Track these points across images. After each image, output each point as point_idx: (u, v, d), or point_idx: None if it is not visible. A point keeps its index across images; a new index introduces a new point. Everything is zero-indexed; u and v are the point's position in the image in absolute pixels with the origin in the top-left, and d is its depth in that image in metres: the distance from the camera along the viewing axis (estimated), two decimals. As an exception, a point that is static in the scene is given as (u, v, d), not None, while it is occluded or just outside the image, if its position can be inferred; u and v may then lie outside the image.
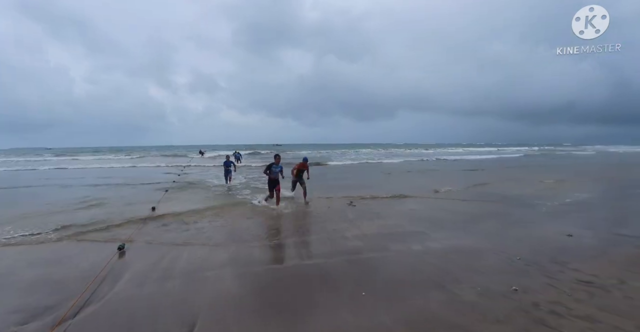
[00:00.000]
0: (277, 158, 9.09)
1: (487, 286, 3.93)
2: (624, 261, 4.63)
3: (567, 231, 6.17)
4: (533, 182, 14.03)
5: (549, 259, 4.72)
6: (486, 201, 9.56)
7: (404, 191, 11.37)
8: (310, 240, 5.98)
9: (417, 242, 5.71)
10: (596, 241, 5.63)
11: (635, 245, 5.36)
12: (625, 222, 6.94)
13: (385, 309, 3.45)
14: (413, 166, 25.40)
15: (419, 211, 8.25)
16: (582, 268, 4.38)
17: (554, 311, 3.33)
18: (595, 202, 9.31)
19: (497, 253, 5.05)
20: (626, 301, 3.50)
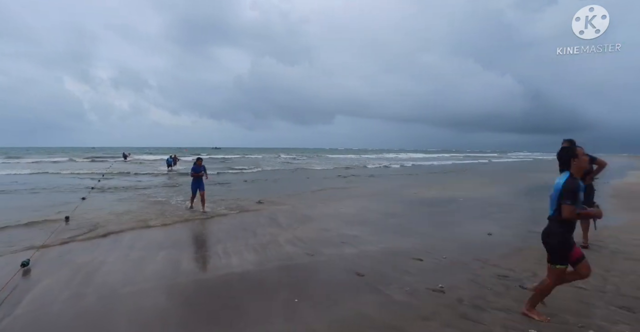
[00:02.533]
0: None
1: (415, 286, 4.09)
2: (536, 256, 5.12)
3: (488, 230, 6.70)
4: (461, 185, 15.17)
5: (472, 257, 5.07)
6: (418, 204, 10.08)
7: (344, 196, 11.58)
8: (240, 247, 5.79)
9: (351, 245, 5.80)
10: (513, 238, 6.21)
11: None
12: (537, 221, 7.72)
13: (319, 314, 3.42)
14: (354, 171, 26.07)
15: (353, 215, 8.44)
16: (501, 264, 4.76)
17: (476, 305, 3.55)
18: (513, 203, 10.33)
19: (426, 253, 5.31)
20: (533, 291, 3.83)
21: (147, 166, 28.85)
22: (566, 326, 3.09)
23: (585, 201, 5.55)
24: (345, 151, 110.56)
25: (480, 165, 41.82)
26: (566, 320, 3.18)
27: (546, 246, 3.16)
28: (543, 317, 3.19)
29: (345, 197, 11.97)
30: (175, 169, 24.60)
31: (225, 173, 23.07)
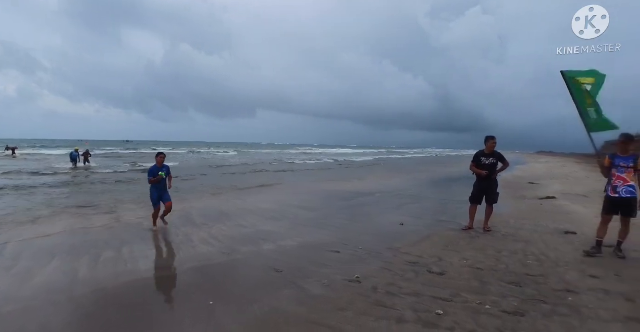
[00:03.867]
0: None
1: (333, 278, 4.17)
2: (442, 242, 5.62)
3: (400, 220, 7.14)
4: (377, 178, 16.01)
5: (385, 247, 5.35)
6: (336, 198, 10.37)
7: (264, 191, 11.41)
8: (149, 250, 5.36)
9: (269, 241, 5.74)
10: (422, 227, 6.71)
11: (449, 228, 6.58)
12: (444, 210, 8.50)
13: (235, 315, 3.30)
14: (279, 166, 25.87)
15: (272, 210, 8.38)
16: (411, 251, 5.11)
17: (389, 291, 3.74)
18: (423, 195, 11.20)
19: (342, 246, 5.46)
20: (442, 274, 4.19)
21: (42, 163, 25.10)
22: (467, 304, 3.41)
23: (491, 192, 6.32)
24: (268, 146, 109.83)
25: (396, 160, 44.83)
26: (466, 299, 3.51)
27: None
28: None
29: (265, 192, 11.85)
30: (90, 166, 21.61)
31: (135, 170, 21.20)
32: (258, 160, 33.34)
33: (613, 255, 4.84)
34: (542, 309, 3.29)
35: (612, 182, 4.83)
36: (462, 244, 5.48)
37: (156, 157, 6.79)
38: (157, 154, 6.91)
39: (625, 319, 3.10)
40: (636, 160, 4.68)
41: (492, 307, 3.32)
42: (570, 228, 6.33)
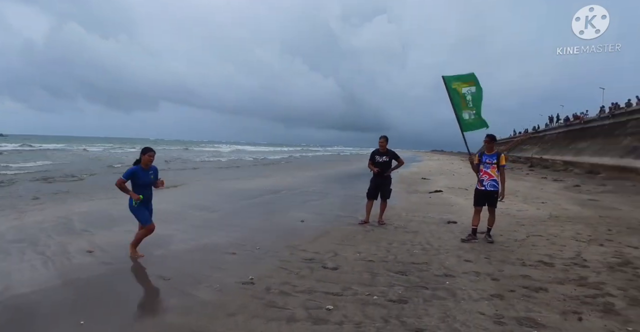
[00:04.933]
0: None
1: (225, 282, 3.96)
2: (339, 237, 5.77)
3: (301, 217, 7.18)
4: (283, 175, 16.00)
5: (283, 245, 5.29)
6: (239, 196, 10.04)
7: (162, 191, 10.50)
8: (11, 265, 4.48)
9: (160, 246, 5.26)
10: (322, 223, 6.83)
11: (348, 223, 6.82)
12: (345, 206, 8.80)
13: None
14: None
15: (169, 212, 7.75)
16: (308, 248, 5.13)
17: (283, 291, 3.67)
18: (327, 191, 11.47)
19: (240, 246, 5.27)
20: (335, 269, 4.27)
21: None
22: (356, 296, 3.50)
23: (384, 188, 6.70)
24: (174, 142, 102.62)
25: (306, 157, 45.56)
26: (356, 291, 3.61)
27: None
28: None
29: (164, 192, 10.93)
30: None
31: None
32: (162, 158, 30.90)
33: (484, 240, 5.49)
34: (423, 294, 3.54)
35: (479, 177, 5.49)
36: (358, 238, 5.70)
37: (142, 154, 4.63)
38: (143, 149, 4.70)
39: (490, 297, 3.49)
40: (499, 157, 5.38)
41: (379, 297, 3.46)
42: (452, 218, 7.05)
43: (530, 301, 3.43)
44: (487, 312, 3.16)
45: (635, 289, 3.78)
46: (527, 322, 3.01)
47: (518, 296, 3.53)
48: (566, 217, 7.75)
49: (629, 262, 4.67)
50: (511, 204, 9.19)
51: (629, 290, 3.76)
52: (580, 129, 34.57)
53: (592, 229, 6.54)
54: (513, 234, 6.01)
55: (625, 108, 27.79)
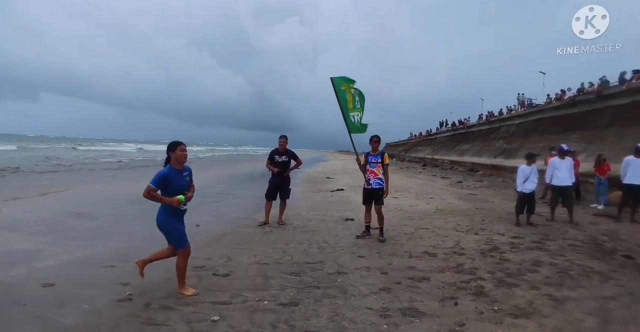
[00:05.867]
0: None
1: (98, 300, 3.44)
2: (235, 240, 5.49)
3: (197, 221, 6.69)
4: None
5: (172, 253, 4.83)
6: (127, 201, 9.04)
7: (34, 196, 8.89)
8: None
9: (22, 264, 4.40)
10: (219, 226, 6.46)
11: (246, 225, 6.56)
12: (245, 207, 8.49)
13: None
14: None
15: (39, 222, 6.60)
16: (200, 254, 4.76)
17: (165, 305, 3.31)
18: (228, 192, 10.98)
19: (120, 258, 4.68)
20: (227, 276, 4.02)
21: None
22: (246, 303, 3.31)
23: (284, 188, 6.58)
24: (60, 139, 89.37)
25: (211, 157, 43.48)
26: (247, 297, 3.42)
27: None
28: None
29: (35, 197, 9.35)
30: None
31: None
32: (39, 157, 26.58)
33: (378, 236, 5.70)
34: (315, 294, 3.49)
35: (366, 175, 5.72)
36: (255, 240, 5.50)
37: (172, 150, 3.54)
38: (172, 144, 3.59)
39: (378, 291, 3.59)
40: (383, 157, 5.67)
41: (270, 302, 3.32)
42: (350, 215, 7.25)
43: (414, 291, 3.61)
44: (375, 307, 3.23)
45: (500, 272, 4.24)
46: (410, 312, 3.14)
47: (404, 287, 3.70)
48: (450, 210, 8.57)
49: (496, 248, 5.27)
50: (404, 200, 9.88)
51: (496, 273, 4.20)
52: (464, 133, 39.14)
53: (469, 220, 7.30)
54: (403, 228, 6.40)
55: (498, 116, 32.32)
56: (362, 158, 5.85)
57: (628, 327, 2.99)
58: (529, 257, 4.85)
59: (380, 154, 5.75)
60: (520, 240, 5.81)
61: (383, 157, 5.70)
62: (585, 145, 16.31)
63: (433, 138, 51.57)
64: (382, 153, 5.77)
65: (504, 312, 3.19)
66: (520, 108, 30.08)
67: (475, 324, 2.95)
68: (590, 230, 6.75)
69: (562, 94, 23.21)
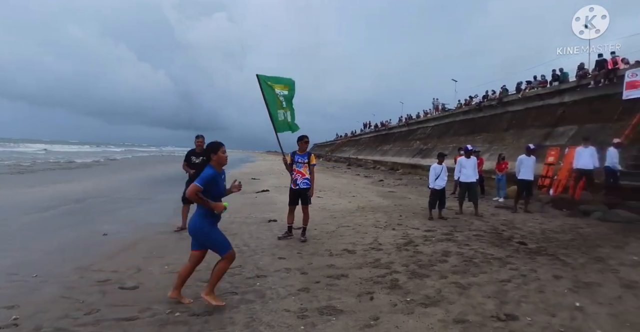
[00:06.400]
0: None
1: (-30, 329, 2.92)
2: (147, 249, 5.09)
3: (106, 230, 6.10)
4: (95, 182, 13.54)
5: (72, 267, 4.33)
6: (23, 209, 7.93)
7: None
8: None
9: None
10: (129, 234, 5.95)
11: (161, 231, 6.13)
12: (160, 212, 7.93)
13: None
14: None
15: None
16: (106, 267, 4.33)
17: (59, 328, 2.92)
18: (143, 196, 10.20)
19: (9, 276, 4.05)
20: (135, 288, 3.69)
21: None
22: (155, 317, 3.06)
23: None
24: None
25: (126, 159, 39.97)
26: (156, 311, 3.16)
27: None
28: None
29: None
30: None
31: None
32: None
33: (300, 236, 5.69)
34: (231, 301, 3.35)
35: (293, 176, 5.69)
36: (170, 247, 5.15)
37: (214, 151, 3.30)
38: (214, 145, 3.35)
39: (297, 292, 3.56)
40: (309, 157, 5.69)
41: (182, 314, 3.10)
42: (273, 217, 7.16)
43: (333, 289, 3.64)
44: (292, 308, 3.19)
45: (414, 264, 4.48)
46: (328, 310, 3.15)
47: (322, 286, 3.71)
48: (370, 207, 8.90)
49: (411, 242, 5.58)
50: (328, 199, 10.05)
51: (410, 265, 4.43)
52: (386, 134, 41.27)
53: (388, 216, 7.66)
54: (325, 227, 6.49)
55: (415, 119, 34.61)
56: (288, 157, 5.79)
57: (520, 305, 3.33)
58: (439, 249, 5.20)
59: (307, 154, 5.75)
60: (433, 233, 6.23)
61: (310, 158, 5.71)
62: (489, 146, 18.15)
63: (358, 139, 53.56)
64: (309, 153, 5.77)
65: (416, 302, 3.35)
66: (435, 112, 32.63)
67: (388, 317, 3.06)
68: (492, 221, 7.49)
69: (470, 100, 25.66)
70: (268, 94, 5.89)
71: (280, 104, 6.04)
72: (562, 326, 2.94)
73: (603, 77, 13.86)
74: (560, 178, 10.70)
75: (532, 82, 19.01)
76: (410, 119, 36.20)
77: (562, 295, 3.58)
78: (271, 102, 5.91)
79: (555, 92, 16.37)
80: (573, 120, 14.51)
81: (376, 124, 48.33)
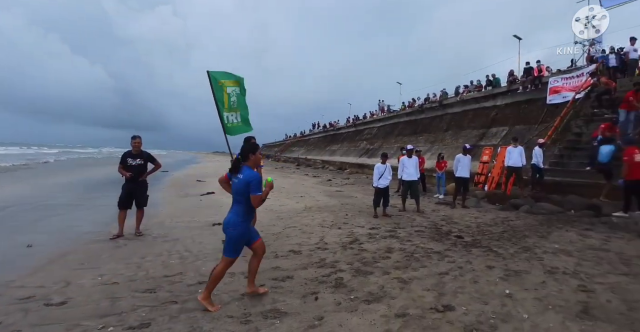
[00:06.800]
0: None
1: None
2: (78, 260, 4.69)
3: (29, 240, 5.53)
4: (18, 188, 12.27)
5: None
6: None
7: None
8: None
9: None
10: (58, 245, 5.44)
11: (95, 240, 5.69)
12: (94, 219, 7.34)
13: None
14: None
15: None
16: (29, 282, 3.92)
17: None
18: (74, 202, 9.39)
19: None
20: (63, 304, 3.38)
21: None
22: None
23: (140, 195, 5.90)
24: None
25: (59, 161, 36.72)
26: (86, 327, 2.92)
27: None
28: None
29: None
30: None
31: None
32: None
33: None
34: (170, 311, 3.18)
35: None
36: (104, 257, 4.78)
37: (254, 151, 3.50)
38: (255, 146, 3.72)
39: (240, 297, 3.48)
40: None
41: (115, 328, 2.89)
42: (218, 219, 6.93)
43: (277, 291, 3.60)
44: (236, 314, 3.10)
45: (359, 262, 4.56)
46: (272, 313, 3.10)
47: (267, 289, 3.65)
48: (317, 207, 8.96)
49: (356, 240, 5.68)
50: (275, 200, 9.95)
51: (354, 263, 4.50)
52: (334, 134, 41.86)
53: (334, 216, 7.75)
54: (272, 228, 6.42)
55: (362, 119, 35.47)
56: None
57: (456, 296, 3.51)
58: (383, 245, 5.35)
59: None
60: (377, 230, 6.39)
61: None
62: (430, 145, 19.06)
63: (307, 139, 53.78)
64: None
65: (360, 299, 3.41)
66: (381, 113, 33.64)
67: (333, 316, 3.08)
68: (432, 217, 7.85)
69: (413, 102, 26.79)
70: (218, 94, 5.66)
71: (230, 106, 5.82)
72: (493, 313, 3.14)
73: (530, 83, 15.20)
74: (494, 175, 11.52)
75: (469, 86, 20.33)
76: (358, 120, 37.06)
77: (494, 284, 3.83)
78: (221, 102, 5.70)
79: (489, 96, 17.66)
80: (504, 122, 15.72)
81: (325, 125, 48.91)
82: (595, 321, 3.01)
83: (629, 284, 3.89)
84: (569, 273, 4.18)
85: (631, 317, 3.10)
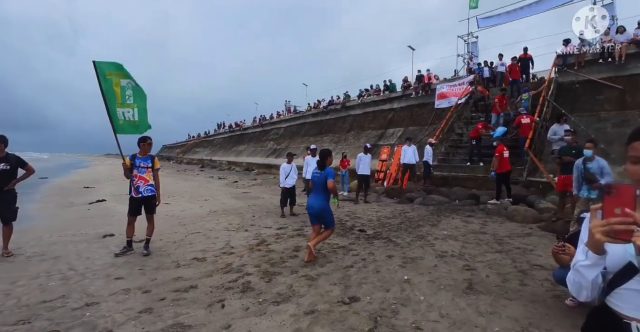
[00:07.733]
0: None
1: None
2: None
3: None
4: None
5: None
6: None
7: None
8: None
9: None
10: None
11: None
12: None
13: None
14: None
15: None
16: None
17: None
18: None
19: None
20: None
21: None
22: None
23: (6, 208, 4.91)
24: None
25: None
26: None
27: None
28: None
29: None
30: None
31: None
32: None
33: (142, 249, 5.07)
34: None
35: (134, 182, 5.01)
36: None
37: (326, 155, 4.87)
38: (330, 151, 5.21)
39: (137, 315, 3.12)
40: (153, 160, 5.13)
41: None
42: (110, 230, 6.22)
43: (180, 303, 3.33)
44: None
45: (266, 263, 4.49)
46: (174, 329, 2.86)
47: (168, 302, 3.36)
48: (223, 210, 8.63)
49: (264, 241, 5.59)
50: (176, 205, 9.33)
51: (262, 265, 4.41)
52: (240, 134, 40.91)
53: (241, 218, 7.54)
54: (173, 236, 5.97)
55: (269, 120, 35.30)
56: (127, 160, 5.03)
57: (361, 287, 3.66)
58: (290, 245, 5.36)
59: (150, 157, 5.14)
60: (284, 230, 6.39)
61: (154, 161, 5.14)
62: (335, 145, 19.81)
63: (211, 140, 51.66)
64: (152, 156, 5.16)
65: (268, 302, 3.34)
66: (287, 113, 33.90)
67: (241, 322, 2.96)
68: (337, 213, 8.12)
69: (318, 103, 27.51)
70: (106, 87, 4.99)
71: (122, 101, 5.17)
72: (394, 298, 3.35)
73: (421, 89, 16.88)
74: (391, 172, 12.42)
75: (370, 90, 21.67)
76: (264, 120, 36.79)
77: (394, 272, 4.11)
78: (110, 96, 5.04)
79: (387, 100, 19.13)
80: (400, 123, 17.18)
81: (231, 125, 47.50)
82: (478, 294, 3.44)
83: (502, 259, 4.53)
84: (455, 255, 4.71)
85: (505, 287, 3.63)
